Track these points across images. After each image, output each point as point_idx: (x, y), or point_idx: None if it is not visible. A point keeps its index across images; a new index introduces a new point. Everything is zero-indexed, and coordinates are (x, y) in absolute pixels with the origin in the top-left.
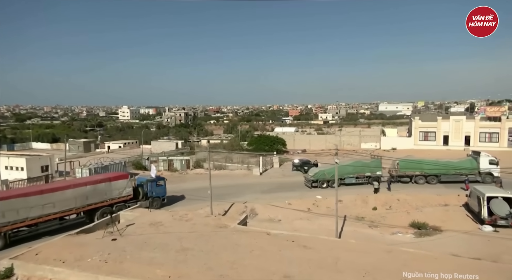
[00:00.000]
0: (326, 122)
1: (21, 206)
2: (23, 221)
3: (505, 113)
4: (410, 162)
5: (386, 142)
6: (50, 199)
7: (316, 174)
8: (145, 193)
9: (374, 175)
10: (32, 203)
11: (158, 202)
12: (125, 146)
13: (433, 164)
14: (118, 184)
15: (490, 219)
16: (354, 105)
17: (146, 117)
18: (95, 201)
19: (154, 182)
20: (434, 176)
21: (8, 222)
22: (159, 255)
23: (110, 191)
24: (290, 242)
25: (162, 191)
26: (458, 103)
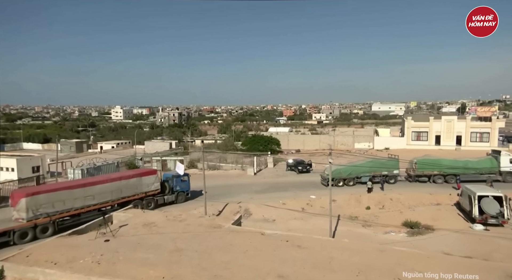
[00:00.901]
0: (320, 122)
1: (67, 198)
2: (69, 211)
3: (496, 113)
4: (428, 161)
5: (379, 142)
6: (91, 192)
7: (332, 173)
8: (171, 188)
9: (391, 174)
10: (76, 195)
11: (182, 196)
12: (118, 146)
13: (452, 163)
14: (147, 179)
15: (481, 217)
16: (348, 105)
17: (140, 117)
18: (128, 194)
19: (179, 177)
20: (453, 175)
21: (56, 211)
22: (152, 256)
23: (140, 185)
24: (284, 242)
25: (186, 186)
26: (449, 103)
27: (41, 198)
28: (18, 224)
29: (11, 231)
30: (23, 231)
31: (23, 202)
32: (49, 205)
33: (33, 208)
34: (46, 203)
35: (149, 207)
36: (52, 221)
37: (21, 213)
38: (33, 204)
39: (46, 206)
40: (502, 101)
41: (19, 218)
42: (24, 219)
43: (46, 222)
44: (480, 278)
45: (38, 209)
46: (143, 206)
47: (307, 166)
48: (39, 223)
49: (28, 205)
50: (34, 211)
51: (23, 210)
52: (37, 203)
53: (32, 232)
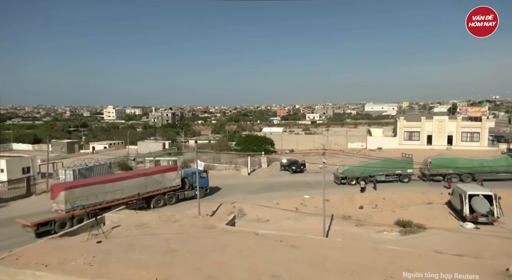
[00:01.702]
0: (313, 122)
1: (99, 192)
2: (101, 204)
3: (486, 113)
4: (443, 160)
5: (372, 142)
6: (120, 187)
7: (345, 171)
8: (191, 184)
9: (405, 173)
10: (107, 189)
11: (201, 192)
12: (111, 147)
13: (467, 162)
14: (169, 175)
15: (472, 216)
16: (341, 106)
17: (132, 117)
18: (152, 190)
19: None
20: (469, 174)
21: (90, 204)
22: (145, 257)
23: (163, 181)
24: (278, 241)
25: (205, 182)
26: (441, 103)
27: (77, 192)
28: (58, 215)
29: (52, 221)
30: (62, 221)
31: (62, 195)
32: (84, 198)
33: (70, 201)
34: (82, 196)
35: (171, 201)
36: (87, 213)
37: (60, 204)
38: (71, 197)
39: (81, 199)
40: (492, 101)
41: (59, 209)
42: (63, 210)
43: (81, 214)
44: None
45: (75, 202)
46: (165, 201)
47: (301, 166)
48: (76, 214)
49: (66, 198)
50: (71, 203)
51: (62, 202)
52: (74, 196)
53: (70, 223)
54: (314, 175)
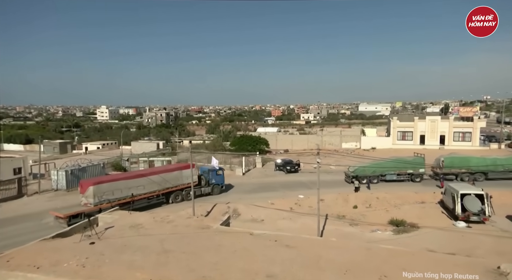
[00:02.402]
0: (308, 122)
1: (123, 187)
2: (125, 198)
3: (477, 113)
4: (455, 159)
5: (366, 142)
6: (142, 182)
7: (356, 170)
8: (207, 181)
9: (416, 172)
10: (130, 185)
11: (218, 189)
12: (104, 147)
13: (480, 161)
14: (187, 172)
15: (464, 215)
16: (335, 106)
17: (126, 117)
18: (171, 186)
19: (214, 171)
20: (482, 173)
21: (116, 198)
22: (139, 258)
23: (181, 178)
24: (273, 241)
25: (221, 179)
26: (433, 104)
27: (104, 187)
28: (87, 208)
29: (82, 213)
30: (91, 214)
31: (90, 189)
32: (110, 193)
33: (98, 195)
34: (108, 191)
35: (188, 197)
36: (113, 206)
37: (89, 198)
38: (98, 192)
39: (107, 193)
40: (483, 101)
41: (88, 203)
42: (91, 204)
43: (108, 207)
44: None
45: (102, 196)
46: (183, 196)
47: (295, 166)
48: (103, 208)
49: (94, 192)
50: (99, 197)
51: (91, 196)
52: (101, 191)
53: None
54: (309, 175)
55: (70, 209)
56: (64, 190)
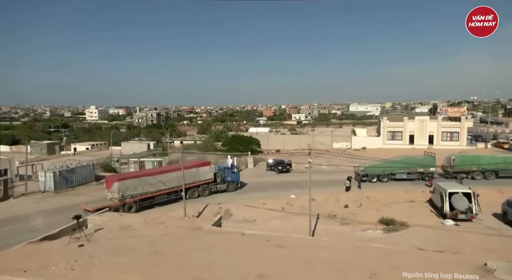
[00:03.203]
0: (299, 122)
1: (145, 183)
2: (146, 194)
3: (464, 113)
4: (467, 157)
5: (357, 141)
6: (161, 179)
7: (366, 169)
8: (223, 178)
9: (427, 171)
10: (151, 181)
11: (233, 186)
12: (93, 148)
13: (491, 159)
14: (203, 169)
15: (452, 213)
16: (326, 106)
17: (116, 117)
18: (188, 182)
19: (229, 169)
20: (492, 171)
21: (138, 194)
22: (129, 260)
23: (198, 175)
24: (265, 241)
25: (236, 177)
26: (422, 104)
27: (127, 183)
28: (113, 203)
29: (109, 207)
30: (116, 208)
31: (115, 185)
32: (132, 188)
33: (122, 190)
34: (131, 187)
35: (205, 193)
36: (135, 201)
37: (114, 194)
38: (122, 187)
39: (130, 189)
40: (470, 102)
41: (113, 197)
42: (116, 199)
43: (131, 202)
44: (450, 270)
45: (126, 191)
46: (199, 193)
47: (287, 166)
48: (127, 202)
49: (119, 188)
50: (123, 192)
51: (116, 191)
52: (125, 187)
53: (122, 209)
54: (300, 175)
55: (59, 211)
56: (52, 192)
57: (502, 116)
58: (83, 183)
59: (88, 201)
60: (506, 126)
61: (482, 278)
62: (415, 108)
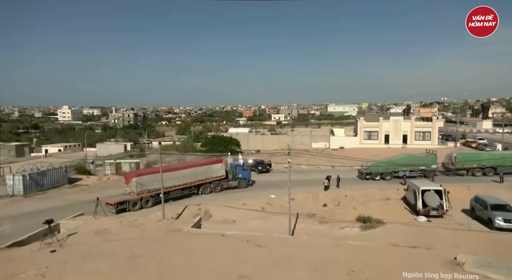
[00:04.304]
0: (279, 122)
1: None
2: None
3: (436, 114)
4: (468, 154)
5: (335, 141)
6: (176, 175)
7: (370, 167)
8: (234, 175)
9: (429, 169)
10: (167, 177)
11: (244, 183)
12: (66, 149)
13: (490, 156)
14: (215, 166)
15: (424, 210)
16: (305, 106)
17: (90, 118)
18: (201, 178)
19: (241, 166)
20: (491, 168)
21: (154, 189)
22: (105, 265)
23: (210, 171)
24: (245, 242)
25: (247, 174)
26: (396, 105)
27: (144, 178)
28: (131, 197)
29: (127, 201)
30: (134, 202)
31: (134, 180)
32: (149, 184)
33: (140, 185)
34: (148, 182)
35: (217, 189)
36: (151, 196)
37: (132, 188)
38: (140, 182)
39: (147, 184)
40: (440, 103)
41: (131, 192)
42: (134, 193)
43: (148, 196)
44: (423, 265)
45: (143, 186)
46: (211, 189)
47: (267, 166)
48: (144, 197)
49: (137, 183)
50: (140, 187)
51: (134, 186)
52: (142, 182)
53: (139, 203)
54: (280, 175)
55: (28, 215)
56: (21, 196)
57: (470, 116)
58: (55, 186)
59: (61, 205)
60: (473, 126)
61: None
62: (390, 109)
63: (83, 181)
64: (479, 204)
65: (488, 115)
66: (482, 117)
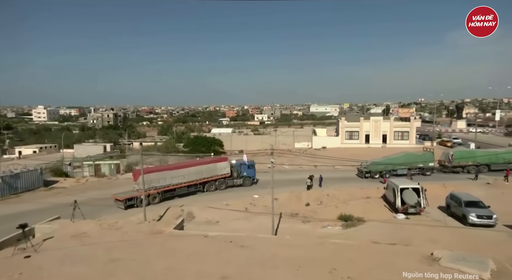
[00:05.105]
0: (262, 123)
1: (167, 176)
2: (168, 186)
3: (413, 114)
4: (464, 152)
5: (317, 141)
6: (182, 173)
7: (369, 166)
8: (239, 173)
9: (426, 166)
10: (172, 175)
11: (249, 181)
12: (42, 151)
13: (484, 154)
14: (220, 165)
15: (403, 207)
16: (288, 107)
17: (67, 118)
18: (206, 176)
19: (246, 165)
20: (486, 165)
21: (161, 186)
22: (83, 270)
23: (215, 169)
24: (228, 242)
25: (252, 173)
26: (376, 105)
27: (152, 176)
28: (139, 193)
29: (135, 197)
30: (141, 198)
31: (141, 178)
32: (156, 181)
33: (147, 182)
34: (155, 179)
35: (221, 187)
36: (158, 192)
37: (140, 185)
38: (148, 180)
39: (154, 181)
40: (418, 103)
41: (139, 189)
42: (142, 190)
43: (155, 193)
44: (402, 261)
45: (150, 183)
46: (216, 186)
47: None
48: (151, 193)
49: (145, 180)
50: (148, 184)
51: (141, 183)
52: (149, 179)
53: (146, 199)
54: (263, 175)
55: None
56: None
57: (445, 116)
58: (29, 189)
59: (36, 209)
60: (449, 126)
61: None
62: (370, 109)
63: (60, 184)
64: (454, 201)
65: (462, 115)
66: (457, 117)
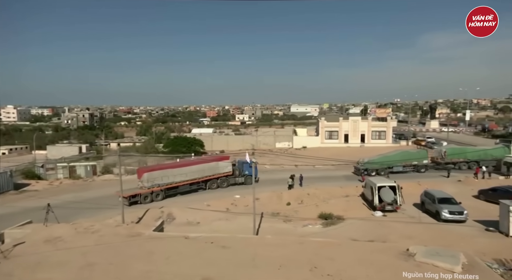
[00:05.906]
0: (243, 123)
1: (170, 174)
2: (171, 184)
3: (390, 114)
4: (456, 149)
5: (298, 141)
6: (184, 171)
7: (366, 164)
8: (240, 172)
9: (421, 164)
10: (175, 173)
11: (250, 179)
12: (11, 152)
13: (474, 150)
14: (222, 163)
15: (380, 205)
16: (269, 107)
17: (40, 118)
18: (208, 174)
19: (248, 163)
20: (475, 162)
21: (164, 183)
22: (57, 276)
23: (217, 168)
24: (209, 243)
25: (255, 172)
26: (355, 105)
27: (155, 174)
28: (143, 190)
29: (139, 194)
30: (145, 195)
31: (145, 175)
32: (159, 179)
33: (151, 180)
34: (158, 177)
35: (223, 185)
36: (161, 190)
37: (144, 183)
38: (151, 177)
39: (158, 179)
40: (394, 104)
41: (143, 186)
42: (146, 187)
43: (158, 190)
44: (380, 258)
45: (154, 181)
46: (218, 184)
47: None
48: (154, 191)
49: (148, 178)
50: (151, 182)
51: (145, 181)
52: (153, 177)
53: (150, 196)
54: None
55: None
56: None
57: (420, 116)
58: None
59: (5, 213)
60: (423, 126)
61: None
62: (348, 110)
63: (32, 186)
64: (428, 198)
65: (435, 115)
66: (430, 117)
